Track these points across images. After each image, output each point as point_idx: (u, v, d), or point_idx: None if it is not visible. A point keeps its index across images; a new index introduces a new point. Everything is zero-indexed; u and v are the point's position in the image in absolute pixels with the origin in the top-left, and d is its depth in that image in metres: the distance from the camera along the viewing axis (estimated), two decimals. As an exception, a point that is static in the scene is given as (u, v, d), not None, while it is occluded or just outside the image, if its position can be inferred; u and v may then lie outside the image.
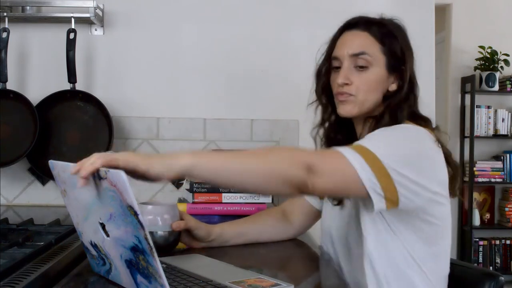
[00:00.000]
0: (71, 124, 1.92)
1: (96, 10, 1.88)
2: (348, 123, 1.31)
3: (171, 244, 1.22)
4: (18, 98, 1.87)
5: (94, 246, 0.98)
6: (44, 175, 1.92)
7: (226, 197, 1.63)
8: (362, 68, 1.22)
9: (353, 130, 1.31)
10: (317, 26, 2.02)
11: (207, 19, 2.00)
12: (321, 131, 1.32)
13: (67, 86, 1.89)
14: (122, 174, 0.82)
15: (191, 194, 1.62)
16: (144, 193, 1.98)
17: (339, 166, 1.06)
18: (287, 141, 1.99)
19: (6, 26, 1.86)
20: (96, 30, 1.98)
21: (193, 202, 1.61)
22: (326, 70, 1.29)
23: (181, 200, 1.69)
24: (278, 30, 2.01)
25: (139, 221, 0.82)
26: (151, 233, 1.16)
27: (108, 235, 0.92)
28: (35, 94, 1.91)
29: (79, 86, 1.90)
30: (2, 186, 1.94)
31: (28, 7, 1.92)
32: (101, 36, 1.99)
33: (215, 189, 1.63)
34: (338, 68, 1.25)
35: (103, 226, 0.92)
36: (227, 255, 1.26)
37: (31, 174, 1.97)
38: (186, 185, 1.71)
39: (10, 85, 1.89)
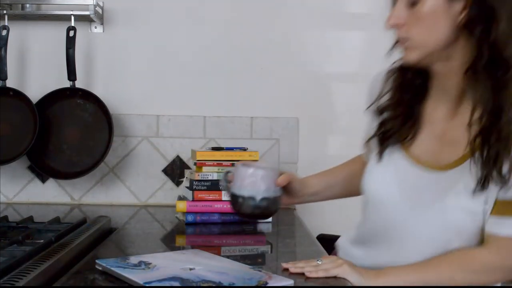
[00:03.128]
0: (71, 121, 1.92)
1: (96, 8, 1.87)
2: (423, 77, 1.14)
3: (275, 208, 1.18)
4: (18, 96, 1.87)
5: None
6: (44, 173, 1.92)
7: (226, 195, 1.62)
8: (414, 3, 1.02)
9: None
10: (317, 25, 2.03)
11: (206, 17, 2.00)
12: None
13: (67, 84, 1.89)
14: None
15: (191, 192, 1.62)
16: (143, 191, 1.99)
17: None
18: (287, 138, 1.99)
19: (6, 24, 1.86)
20: (96, 27, 1.98)
21: (193, 200, 1.61)
22: None
23: (181, 198, 1.69)
24: (277, 29, 2.01)
25: None
26: (253, 198, 1.15)
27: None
28: (35, 91, 1.91)
29: (79, 84, 1.90)
30: (2, 184, 1.94)
31: (27, 5, 1.92)
32: (101, 33, 1.99)
33: (215, 187, 1.62)
34: None
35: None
36: (228, 251, 1.27)
37: (31, 172, 1.97)
38: (186, 182, 1.71)
39: (10, 83, 1.89)
